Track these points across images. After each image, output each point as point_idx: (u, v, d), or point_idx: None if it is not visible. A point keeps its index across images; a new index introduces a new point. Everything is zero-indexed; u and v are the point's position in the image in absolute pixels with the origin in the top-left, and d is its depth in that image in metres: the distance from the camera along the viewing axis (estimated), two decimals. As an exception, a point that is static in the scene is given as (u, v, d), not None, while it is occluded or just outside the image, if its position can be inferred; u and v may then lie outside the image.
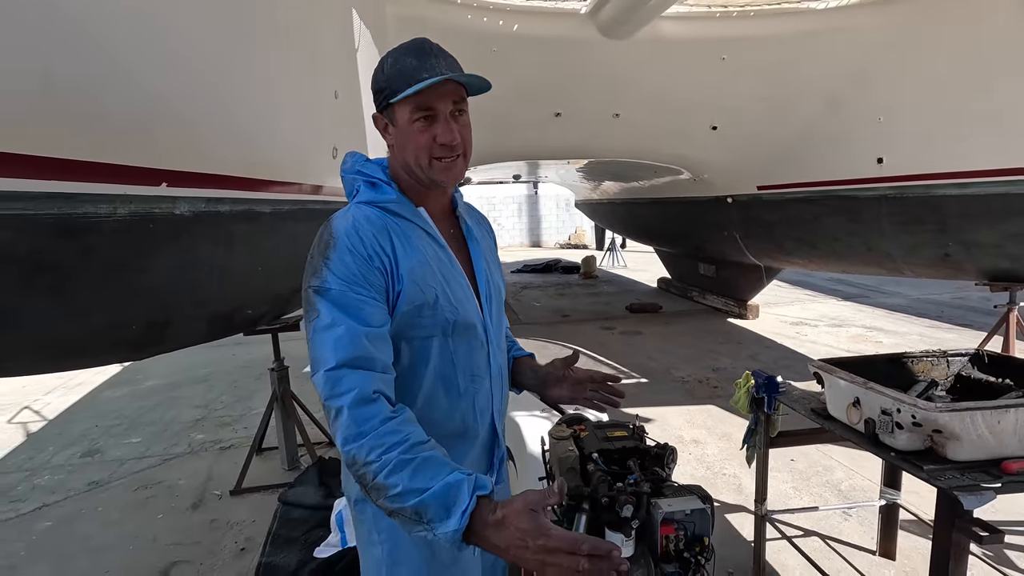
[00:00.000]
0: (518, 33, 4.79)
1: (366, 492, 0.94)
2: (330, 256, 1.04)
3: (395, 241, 1.09)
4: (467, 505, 0.86)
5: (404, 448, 0.92)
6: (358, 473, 0.93)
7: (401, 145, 1.13)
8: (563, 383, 1.37)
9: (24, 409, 5.32)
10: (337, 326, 0.99)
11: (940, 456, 1.67)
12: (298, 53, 2.80)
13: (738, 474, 3.57)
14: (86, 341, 1.67)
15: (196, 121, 1.97)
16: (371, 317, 1.02)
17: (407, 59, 1.08)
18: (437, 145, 1.10)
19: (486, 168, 9.66)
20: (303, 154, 2.86)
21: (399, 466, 0.90)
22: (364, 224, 1.08)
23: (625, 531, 1.43)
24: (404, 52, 1.09)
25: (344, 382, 0.96)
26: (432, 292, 1.11)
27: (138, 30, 1.64)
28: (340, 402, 0.95)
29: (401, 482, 0.89)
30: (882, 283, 10.31)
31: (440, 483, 0.88)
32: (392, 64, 1.09)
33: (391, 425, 0.95)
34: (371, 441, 0.92)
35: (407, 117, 1.10)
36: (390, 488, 0.90)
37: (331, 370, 0.97)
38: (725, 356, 6.27)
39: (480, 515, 0.86)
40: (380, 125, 1.16)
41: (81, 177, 1.46)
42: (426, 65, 1.06)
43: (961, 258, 4.49)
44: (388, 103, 1.10)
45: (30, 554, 2.98)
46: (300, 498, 3.18)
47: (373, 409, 0.95)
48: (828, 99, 5.14)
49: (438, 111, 1.09)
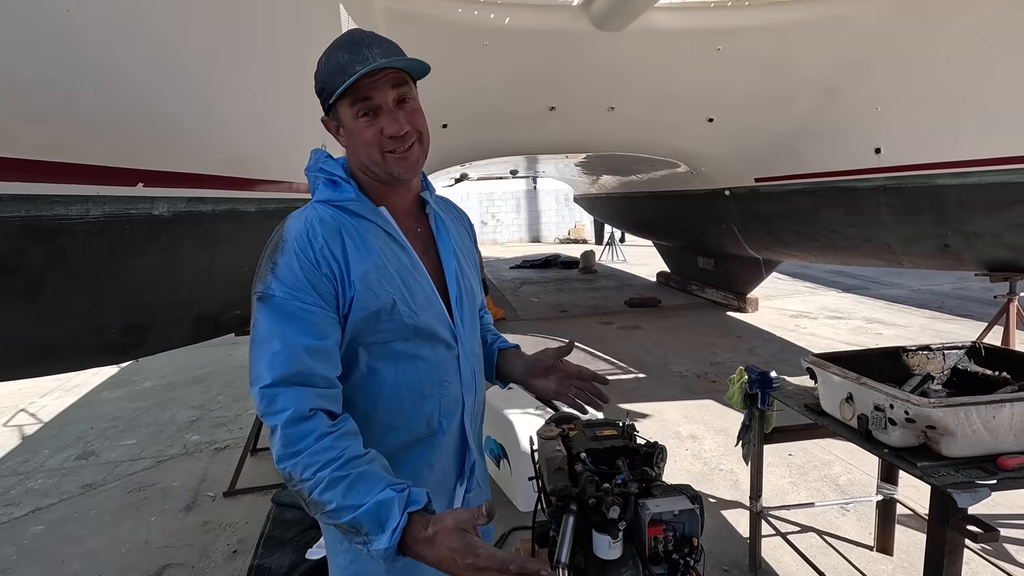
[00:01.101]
0: (510, 26, 4.73)
1: (305, 506, 0.94)
2: (277, 260, 1.00)
3: (347, 244, 1.04)
4: (398, 522, 0.87)
5: (338, 465, 0.92)
6: (295, 489, 0.94)
7: (352, 145, 1.09)
8: (551, 374, 1.31)
9: (20, 412, 5.31)
10: (274, 339, 0.97)
11: (934, 452, 1.64)
12: (283, 49, 2.75)
13: (735, 470, 3.54)
14: (62, 345, 1.64)
15: (175, 119, 1.94)
16: (314, 328, 0.99)
17: (339, 54, 1.02)
18: (386, 138, 1.05)
19: (483, 164, 9.61)
20: (289, 152, 2.83)
21: (332, 483, 0.91)
22: (316, 226, 1.03)
23: (612, 533, 1.39)
24: (336, 47, 1.04)
25: (279, 400, 0.94)
26: (388, 297, 1.06)
27: (113, 25, 1.60)
28: (275, 420, 0.94)
29: (335, 499, 0.90)
30: (883, 274, 10.25)
31: (371, 501, 0.89)
32: (326, 62, 1.04)
33: (326, 442, 0.94)
34: (305, 459, 0.92)
35: (350, 115, 1.05)
36: (325, 504, 0.90)
37: (266, 387, 0.95)
38: (724, 350, 6.23)
39: (411, 531, 0.88)
40: (331, 129, 1.12)
41: (50, 178, 1.42)
42: (358, 57, 1.00)
43: (960, 248, 4.44)
44: (330, 104, 1.05)
45: (21, 558, 2.96)
46: (293, 499, 3.15)
47: (308, 426, 0.94)
48: (825, 90, 5.08)
49: (380, 103, 1.04)
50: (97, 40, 1.54)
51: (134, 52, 1.69)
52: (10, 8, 1.29)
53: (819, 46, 4.80)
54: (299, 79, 2.92)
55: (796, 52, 4.91)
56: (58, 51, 1.42)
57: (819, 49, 4.82)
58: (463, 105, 5.28)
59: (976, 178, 4.07)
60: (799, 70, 5.07)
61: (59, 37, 1.41)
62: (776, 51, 4.95)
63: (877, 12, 4.46)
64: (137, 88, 1.72)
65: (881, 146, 4.70)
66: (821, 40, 4.76)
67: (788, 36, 4.81)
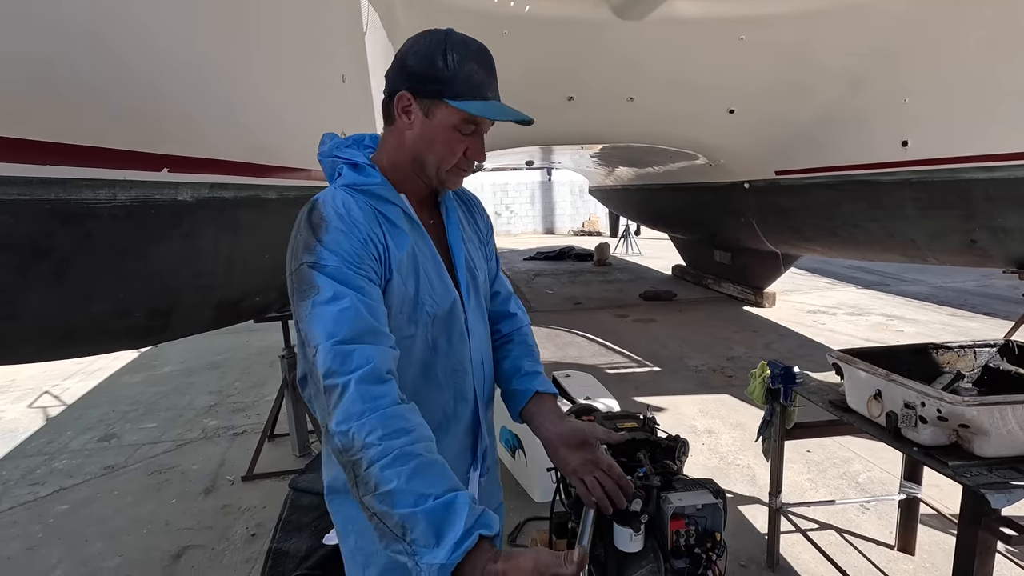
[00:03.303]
0: (530, 15, 4.68)
1: (353, 484, 0.83)
2: (322, 237, 0.96)
3: (385, 229, 1.04)
4: (462, 539, 0.75)
5: (410, 439, 0.82)
6: (352, 459, 0.82)
7: (425, 139, 1.06)
8: (581, 451, 1.12)
9: (44, 394, 5.42)
10: (342, 299, 0.91)
11: (966, 452, 1.60)
12: (305, 37, 2.74)
13: (752, 465, 3.51)
14: (88, 328, 1.65)
15: (199, 106, 1.94)
16: (373, 294, 0.97)
17: (473, 65, 1.02)
18: (465, 158, 1.08)
19: (499, 154, 9.56)
20: (310, 139, 2.82)
21: (400, 459, 0.80)
22: (355, 209, 1.02)
23: (634, 526, 1.38)
24: (470, 55, 1.02)
25: (355, 356, 0.87)
26: (412, 285, 1.06)
27: (139, 13, 1.60)
28: (346, 377, 0.85)
29: (396, 479, 0.79)
30: (903, 270, 10.07)
31: (441, 497, 0.78)
32: (458, 62, 1.00)
33: (400, 408, 0.86)
34: (375, 420, 0.82)
35: (451, 122, 1.03)
36: (382, 483, 0.79)
37: (339, 343, 0.87)
38: (740, 345, 6.17)
39: (475, 558, 0.75)
40: (402, 108, 1.05)
41: (78, 162, 1.43)
42: (491, 84, 1.05)
43: (988, 244, 4.33)
44: (437, 97, 1.02)
45: (47, 536, 3.03)
46: (311, 485, 3.18)
47: (385, 388, 0.87)
48: (850, 80, 4.96)
49: (482, 128, 1.08)
50: (125, 28, 1.54)
51: (161, 39, 1.69)
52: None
53: (845, 34, 4.68)
54: (319, 65, 2.92)
55: (821, 41, 4.80)
56: (88, 39, 1.42)
57: (845, 38, 4.70)
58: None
59: (1006, 172, 3.96)
60: (823, 60, 4.95)
61: (89, 26, 1.41)
62: (800, 40, 4.84)
63: (906, 1, 4.34)
64: (163, 74, 1.72)
65: (908, 139, 4.59)
66: (847, 28, 4.64)
67: (813, 24, 4.70)
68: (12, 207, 1.33)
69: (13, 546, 2.95)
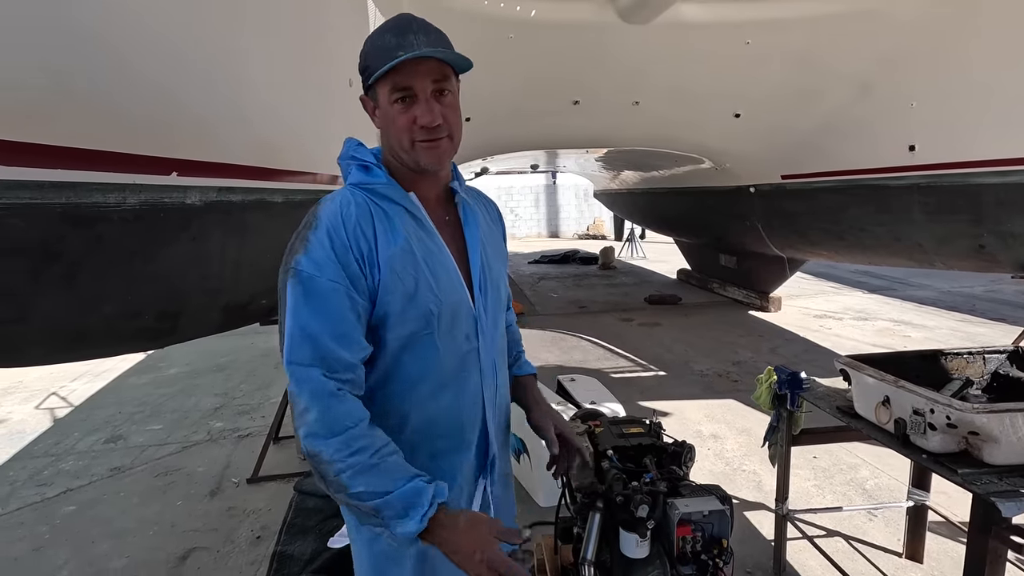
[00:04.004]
0: (536, 19, 4.69)
1: (325, 486, 0.97)
2: (309, 237, 1.01)
3: (377, 226, 1.05)
4: (426, 510, 0.94)
5: (371, 453, 0.96)
6: (319, 468, 0.95)
7: (385, 128, 1.10)
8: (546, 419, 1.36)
9: (51, 395, 5.45)
10: (299, 318, 0.98)
11: (976, 459, 1.59)
12: (311, 41, 2.76)
13: (758, 470, 3.49)
14: (98, 331, 1.66)
15: (207, 110, 1.95)
16: (341, 308, 1.00)
17: (386, 36, 1.03)
18: (417, 127, 1.05)
19: (503, 158, 9.58)
20: (316, 143, 2.84)
21: (364, 470, 0.94)
22: (350, 207, 1.05)
23: (640, 531, 1.38)
24: (385, 29, 1.05)
25: (309, 377, 0.97)
26: (412, 281, 1.06)
27: (148, 18, 1.61)
28: (306, 398, 0.96)
29: (364, 485, 0.94)
30: (910, 275, 10.00)
31: (399, 489, 0.95)
32: (372, 41, 1.05)
33: (361, 428, 0.97)
34: (336, 443, 0.95)
35: (387, 98, 1.05)
36: (351, 487, 0.94)
37: (298, 364, 0.98)
38: (746, 349, 6.14)
39: (438, 519, 0.95)
40: (368, 108, 1.13)
41: (90, 166, 1.44)
42: (404, 42, 1.00)
43: (997, 250, 4.30)
44: (369, 84, 1.07)
45: (54, 537, 3.05)
46: (315, 487, 3.18)
47: (342, 408, 0.97)
48: (858, 85, 4.95)
49: (418, 91, 1.04)
50: (135, 34, 1.55)
51: (169, 43, 1.70)
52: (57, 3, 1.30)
53: (852, 40, 4.67)
54: (325, 69, 2.94)
55: (828, 46, 4.79)
56: (99, 45, 1.43)
57: (852, 43, 4.69)
58: (487, 99, 5.24)
59: (1016, 177, 3.93)
60: (831, 64, 4.94)
61: (100, 32, 1.43)
62: (807, 45, 4.83)
63: (913, 4, 4.32)
64: (171, 78, 1.73)
65: (915, 143, 4.56)
66: (854, 34, 4.63)
67: (820, 29, 4.69)
68: (24, 211, 1.34)
69: (20, 547, 2.97)
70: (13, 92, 1.28)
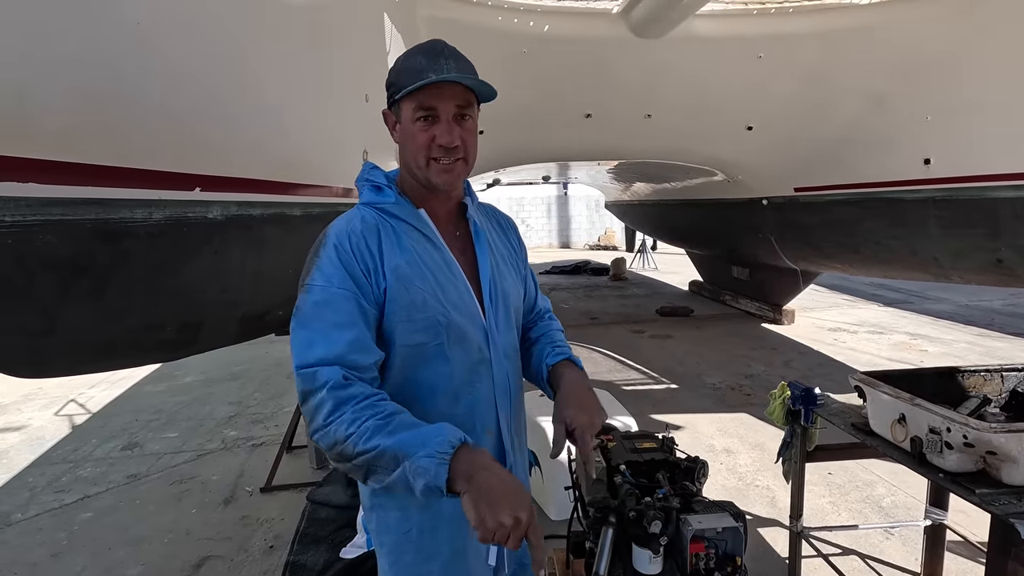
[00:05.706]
0: (549, 34, 4.75)
1: (351, 470, 0.96)
2: (320, 254, 1.07)
3: (384, 241, 1.10)
4: (452, 439, 0.92)
5: (380, 416, 0.96)
6: (338, 451, 0.95)
7: (403, 143, 1.14)
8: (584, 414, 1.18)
9: (70, 402, 5.55)
10: (313, 325, 1.02)
11: (994, 479, 1.57)
12: (330, 58, 2.83)
13: (772, 486, 3.45)
14: (122, 343, 1.71)
15: (230, 126, 2.01)
16: (349, 316, 1.04)
17: (417, 57, 1.08)
18: (436, 146, 1.09)
19: (516, 169, 9.64)
20: (334, 158, 2.89)
21: (376, 430, 0.94)
22: (357, 224, 1.10)
23: (653, 547, 1.38)
24: (417, 51, 1.10)
25: (319, 375, 0.99)
26: (419, 292, 1.09)
27: (174, 42, 1.67)
28: (319, 392, 0.98)
29: (380, 442, 0.93)
30: (927, 288, 9.87)
31: (422, 429, 0.95)
32: (403, 61, 1.10)
33: (369, 402, 0.98)
34: (349, 415, 0.96)
35: (410, 115, 1.10)
36: (370, 451, 0.93)
37: (307, 367, 1.00)
38: (759, 362, 6.09)
39: (472, 459, 0.92)
40: (389, 123, 1.18)
41: (118, 183, 1.49)
42: (434, 65, 1.06)
43: (1015, 264, 4.24)
44: (395, 99, 1.11)
45: (71, 543, 3.09)
46: (328, 497, 3.21)
47: (352, 391, 0.98)
48: (872, 98, 4.94)
49: (440, 112, 1.08)
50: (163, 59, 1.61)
51: (195, 63, 1.76)
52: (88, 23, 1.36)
53: (866, 53, 4.67)
54: (342, 86, 3.00)
55: (841, 60, 4.79)
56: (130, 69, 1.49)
57: (866, 56, 4.69)
58: (500, 112, 5.28)
59: (1034, 191, 3.90)
60: (844, 78, 4.94)
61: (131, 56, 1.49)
62: (820, 58, 4.84)
63: (928, 16, 4.32)
64: (196, 96, 1.79)
65: (931, 156, 4.54)
66: (868, 47, 4.63)
67: (833, 43, 4.70)
68: (56, 226, 1.39)
69: (39, 552, 3.02)
70: (49, 114, 1.33)
